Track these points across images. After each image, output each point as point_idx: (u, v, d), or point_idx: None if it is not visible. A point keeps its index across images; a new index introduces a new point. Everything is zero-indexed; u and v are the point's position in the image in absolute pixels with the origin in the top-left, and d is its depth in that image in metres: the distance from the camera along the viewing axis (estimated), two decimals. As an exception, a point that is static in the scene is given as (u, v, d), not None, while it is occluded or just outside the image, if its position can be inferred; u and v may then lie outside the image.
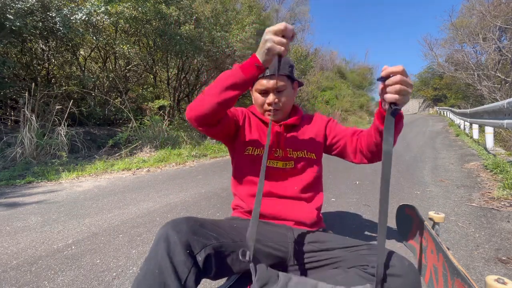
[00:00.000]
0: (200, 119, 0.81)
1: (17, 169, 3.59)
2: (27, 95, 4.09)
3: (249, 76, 0.75)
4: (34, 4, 4.23)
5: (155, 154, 4.77)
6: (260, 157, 0.93)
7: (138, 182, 3.22)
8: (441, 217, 1.09)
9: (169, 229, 0.64)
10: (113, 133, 5.52)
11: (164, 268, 0.59)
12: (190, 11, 6.28)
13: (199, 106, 0.80)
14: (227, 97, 0.77)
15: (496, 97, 11.33)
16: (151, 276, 0.59)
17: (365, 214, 1.99)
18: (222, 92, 0.77)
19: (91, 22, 4.95)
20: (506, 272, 1.21)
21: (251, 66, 0.75)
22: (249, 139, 0.97)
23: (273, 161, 0.94)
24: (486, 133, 4.74)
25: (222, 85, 0.77)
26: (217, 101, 0.77)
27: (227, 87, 0.76)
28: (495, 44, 11.90)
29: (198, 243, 0.64)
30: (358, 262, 0.70)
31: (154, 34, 6.13)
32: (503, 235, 1.56)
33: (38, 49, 5.53)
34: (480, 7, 12.05)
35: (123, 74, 6.68)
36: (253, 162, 0.94)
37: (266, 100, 0.94)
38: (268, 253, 0.79)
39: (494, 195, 2.23)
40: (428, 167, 3.58)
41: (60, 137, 4.30)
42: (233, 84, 0.76)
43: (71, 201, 2.49)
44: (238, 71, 0.76)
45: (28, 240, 1.68)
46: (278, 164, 0.94)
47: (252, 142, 0.96)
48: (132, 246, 1.57)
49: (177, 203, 2.36)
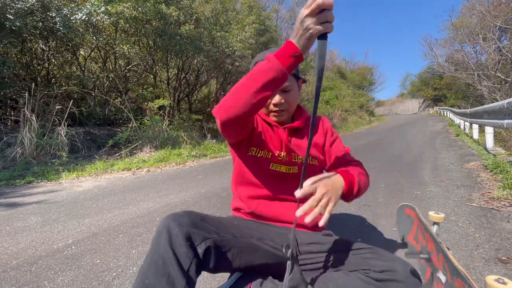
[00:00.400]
0: (233, 121, 0.73)
1: (17, 169, 3.59)
2: (27, 95, 4.10)
3: (288, 68, 0.66)
4: (34, 4, 4.23)
5: (155, 154, 4.77)
6: (263, 159, 0.91)
7: (138, 182, 3.22)
8: (441, 217, 1.09)
9: (170, 221, 0.65)
10: (113, 133, 5.52)
11: (167, 259, 0.60)
12: (190, 11, 6.28)
13: (232, 108, 0.71)
14: (264, 96, 0.68)
15: (496, 97, 11.33)
16: (155, 267, 0.60)
17: (365, 214, 1.99)
18: (259, 91, 0.67)
19: (91, 22, 4.95)
20: (506, 272, 1.21)
21: (290, 57, 0.64)
22: (254, 139, 0.94)
23: (277, 164, 0.92)
24: (486, 133, 4.73)
25: (258, 82, 0.67)
26: (254, 102, 0.68)
27: (264, 85, 0.67)
28: (495, 44, 11.90)
29: (198, 235, 0.65)
30: (360, 265, 0.69)
31: (154, 34, 6.13)
32: (503, 235, 1.56)
33: (38, 49, 5.53)
34: (480, 7, 12.06)
35: (123, 74, 6.68)
36: (255, 163, 0.92)
37: (272, 101, 0.91)
38: (268, 251, 0.79)
39: (494, 195, 2.23)
40: (428, 167, 3.58)
41: (60, 137, 4.30)
42: (272, 80, 0.67)
43: (71, 201, 2.49)
44: (276, 63, 0.65)
45: (28, 240, 1.68)
46: (282, 168, 0.92)
47: (257, 143, 0.93)
48: (132, 246, 1.57)
49: (177, 203, 2.36)
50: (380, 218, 1.91)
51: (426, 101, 33.24)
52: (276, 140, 0.94)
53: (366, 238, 1.59)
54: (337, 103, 16.01)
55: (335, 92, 17.46)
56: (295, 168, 0.92)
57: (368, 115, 18.94)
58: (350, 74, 26.55)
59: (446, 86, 24.80)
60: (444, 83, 25.04)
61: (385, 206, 2.15)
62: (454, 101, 22.09)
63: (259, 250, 0.78)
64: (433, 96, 30.62)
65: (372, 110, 21.73)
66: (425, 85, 31.92)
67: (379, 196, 2.41)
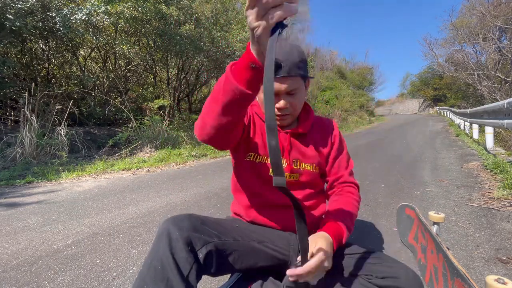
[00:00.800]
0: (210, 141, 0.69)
1: (17, 169, 3.59)
2: (27, 95, 4.10)
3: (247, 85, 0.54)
4: (34, 4, 4.23)
5: (155, 154, 4.77)
6: (261, 165, 0.87)
7: (138, 182, 3.22)
8: (441, 217, 1.09)
9: (170, 225, 0.64)
10: (113, 133, 5.53)
11: (166, 264, 0.60)
12: (190, 11, 6.28)
13: (203, 129, 0.67)
14: (230, 120, 0.62)
15: (496, 97, 11.33)
16: (154, 271, 0.60)
17: (365, 214, 1.99)
18: (223, 114, 0.60)
19: (91, 22, 4.96)
20: (506, 272, 1.21)
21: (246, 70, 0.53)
22: (251, 144, 0.88)
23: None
24: (486, 133, 4.73)
25: (218, 103, 0.59)
26: (221, 124, 0.62)
27: (225, 107, 0.59)
28: (495, 44, 11.90)
29: (199, 239, 0.64)
30: (362, 271, 0.69)
31: (154, 34, 6.13)
32: (503, 235, 1.56)
33: (38, 49, 5.53)
34: (480, 7, 12.05)
35: (123, 74, 6.68)
36: (254, 169, 0.87)
37: (276, 105, 0.81)
38: (270, 254, 0.78)
39: (494, 195, 2.23)
40: (428, 167, 3.58)
41: (60, 137, 4.30)
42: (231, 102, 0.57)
43: (71, 201, 2.49)
44: (231, 81, 0.55)
45: (28, 240, 1.68)
46: None
47: (255, 148, 0.87)
48: (132, 246, 1.57)
49: (177, 203, 2.36)
50: (380, 218, 1.91)
51: (426, 101, 33.24)
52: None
53: (366, 238, 1.59)
54: (337, 103, 16.01)
55: (335, 92, 17.45)
56: (297, 176, 0.87)
57: (368, 115, 18.94)
58: (350, 74, 26.53)
59: (446, 86, 24.81)
60: (444, 83, 25.05)
61: (385, 206, 2.15)
62: (454, 101, 22.10)
63: (261, 253, 0.77)
64: (433, 96, 30.62)
65: (372, 110, 21.71)
66: (425, 85, 31.92)
67: (379, 196, 2.41)
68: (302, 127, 0.89)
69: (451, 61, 16.65)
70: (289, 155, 0.87)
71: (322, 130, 0.94)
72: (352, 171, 0.94)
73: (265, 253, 0.77)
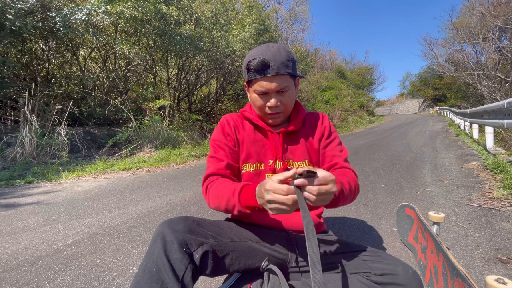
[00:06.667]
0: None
1: (17, 169, 3.59)
2: (27, 95, 4.10)
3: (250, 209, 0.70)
4: (34, 4, 4.23)
5: (155, 154, 4.77)
6: (256, 172, 0.89)
7: (138, 182, 3.22)
8: (441, 217, 1.09)
9: (165, 228, 0.65)
10: (113, 133, 5.52)
11: (161, 266, 0.60)
12: (190, 11, 6.28)
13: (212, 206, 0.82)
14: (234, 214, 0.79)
15: (496, 97, 11.33)
16: (149, 274, 0.60)
17: (365, 214, 1.99)
18: (227, 212, 0.80)
19: (91, 22, 4.95)
20: (506, 272, 1.21)
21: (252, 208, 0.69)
22: (243, 155, 0.90)
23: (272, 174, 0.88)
24: (486, 133, 4.73)
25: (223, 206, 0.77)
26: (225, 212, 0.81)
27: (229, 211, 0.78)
28: (495, 44, 11.90)
29: (195, 241, 0.65)
30: (360, 268, 0.69)
31: (154, 34, 6.13)
32: (503, 235, 1.56)
33: (38, 49, 5.53)
34: (480, 7, 12.06)
35: (123, 74, 6.68)
36: (252, 179, 0.89)
37: (267, 104, 0.83)
38: (267, 254, 0.79)
39: (494, 195, 2.23)
40: (428, 167, 3.58)
41: (60, 137, 4.30)
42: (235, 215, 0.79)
43: (71, 201, 2.49)
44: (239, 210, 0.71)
45: (28, 240, 1.68)
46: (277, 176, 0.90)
47: (247, 158, 0.90)
48: (132, 246, 1.57)
49: (177, 203, 2.36)
50: (380, 218, 1.91)
51: (426, 101, 33.22)
52: (269, 148, 0.90)
53: (366, 238, 1.59)
54: (337, 103, 16.01)
55: (335, 92, 17.45)
56: None
57: (368, 115, 18.95)
58: (350, 74, 26.54)
59: (446, 86, 24.78)
60: (444, 83, 25.02)
61: (385, 206, 2.15)
62: (454, 101, 22.07)
63: (259, 253, 0.77)
64: (433, 96, 30.60)
65: (372, 110, 21.73)
66: (425, 85, 31.89)
67: (379, 196, 2.41)
68: (293, 124, 0.91)
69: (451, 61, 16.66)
70: (282, 155, 0.89)
71: (312, 125, 0.95)
72: (346, 159, 0.92)
73: (263, 253, 0.78)
